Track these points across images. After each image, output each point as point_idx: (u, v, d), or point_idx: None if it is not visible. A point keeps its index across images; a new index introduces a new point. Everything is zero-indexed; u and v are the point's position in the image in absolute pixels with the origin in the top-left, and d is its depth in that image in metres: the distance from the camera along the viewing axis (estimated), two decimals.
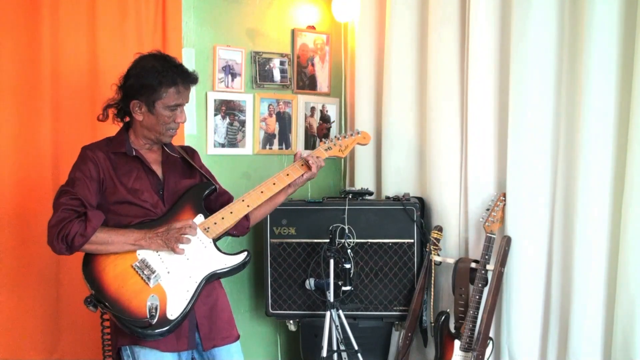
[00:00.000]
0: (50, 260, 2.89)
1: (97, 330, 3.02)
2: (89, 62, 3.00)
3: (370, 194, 3.32)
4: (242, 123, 3.54)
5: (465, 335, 2.79)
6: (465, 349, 2.80)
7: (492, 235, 2.80)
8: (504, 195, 2.80)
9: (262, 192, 2.30)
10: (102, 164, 2.15)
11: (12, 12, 2.83)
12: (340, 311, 2.95)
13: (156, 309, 1.98)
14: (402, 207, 3.12)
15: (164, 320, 2.01)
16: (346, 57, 3.84)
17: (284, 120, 3.69)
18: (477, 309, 2.77)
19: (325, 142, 2.56)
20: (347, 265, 2.96)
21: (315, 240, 3.13)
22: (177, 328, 2.05)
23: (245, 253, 2.20)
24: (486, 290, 2.79)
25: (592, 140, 2.46)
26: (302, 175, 2.42)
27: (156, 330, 1.99)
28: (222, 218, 2.22)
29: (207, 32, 3.40)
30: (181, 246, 2.09)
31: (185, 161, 2.35)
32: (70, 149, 2.96)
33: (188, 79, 2.18)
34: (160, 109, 2.15)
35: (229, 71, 3.48)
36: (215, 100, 3.44)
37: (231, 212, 2.24)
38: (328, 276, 2.93)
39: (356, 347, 2.93)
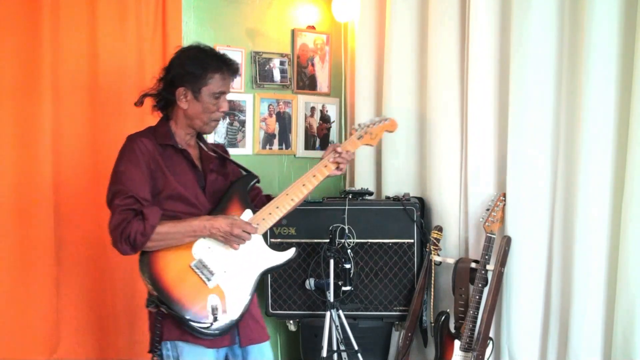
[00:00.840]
0: (51, 260, 2.89)
1: (97, 331, 3.06)
2: (89, 62, 3.00)
3: (370, 194, 3.32)
4: (242, 123, 3.54)
5: (465, 335, 2.79)
6: (465, 349, 2.80)
7: (492, 235, 2.79)
8: (504, 195, 2.80)
9: (303, 184, 2.28)
10: (151, 154, 2.11)
11: (12, 12, 2.83)
12: (340, 311, 2.95)
13: (217, 309, 2.01)
14: (402, 207, 3.12)
15: (225, 320, 2.04)
16: (346, 57, 3.84)
17: (284, 121, 3.69)
18: (477, 309, 2.77)
19: (356, 130, 2.45)
20: (347, 265, 2.96)
21: (315, 241, 3.13)
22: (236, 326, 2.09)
23: (294, 250, 2.23)
24: (486, 290, 2.79)
25: (592, 140, 2.46)
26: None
27: (218, 331, 2.03)
28: (270, 213, 2.21)
29: (207, 32, 3.40)
30: None
31: (219, 158, 2.34)
32: (70, 149, 2.97)
33: (232, 67, 2.20)
34: (206, 96, 2.14)
35: None
36: None
37: (277, 207, 2.23)
38: (328, 276, 2.93)
39: (356, 347, 2.93)
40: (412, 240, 3.11)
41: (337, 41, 3.86)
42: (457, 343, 2.83)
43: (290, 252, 2.22)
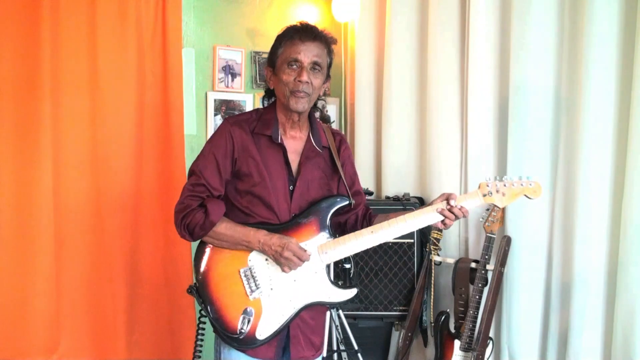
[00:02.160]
0: (51, 260, 2.89)
1: (98, 331, 3.06)
2: (89, 62, 3.00)
3: (370, 194, 3.32)
4: None
5: (465, 335, 2.79)
6: (465, 348, 2.80)
7: (492, 235, 2.80)
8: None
9: (391, 226, 2.01)
10: (240, 142, 1.98)
11: (12, 12, 2.83)
12: (340, 311, 2.95)
13: (248, 323, 1.92)
14: (402, 207, 3.12)
15: (252, 337, 1.94)
16: (346, 57, 3.84)
17: None
18: (477, 309, 2.77)
19: (487, 184, 2.00)
20: (347, 265, 2.96)
21: None
22: (263, 345, 1.97)
23: (355, 290, 2.01)
24: (486, 290, 2.79)
25: (592, 140, 2.46)
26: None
27: (242, 345, 1.95)
28: (345, 245, 1.99)
29: (207, 32, 3.40)
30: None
31: (328, 156, 2.11)
32: (70, 149, 2.97)
33: (306, 32, 1.99)
34: (280, 66, 1.98)
35: (229, 71, 3.48)
36: (215, 100, 3.44)
37: (356, 241, 2.00)
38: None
39: (356, 347, 2.93)
40: (412, 240, 3.12)
41: (337, 41, 3.85)
42: (457, 343, 2.83)
43: (350, 293, 2.00)
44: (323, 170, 2.09)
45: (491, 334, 2.80)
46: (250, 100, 3.55)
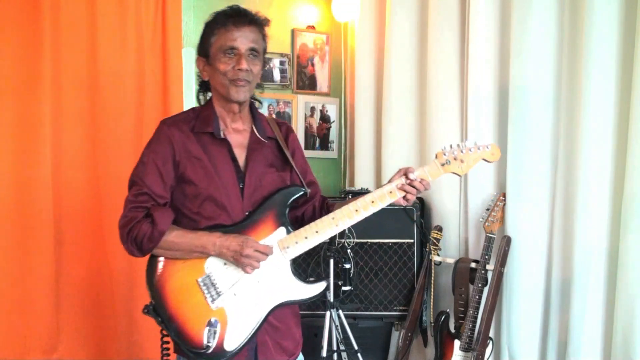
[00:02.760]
0: (51, 260, 2.89)
1: (97, 331, 3.06)
2: (89, 62, 3.01)
3: None
4: None
5: (465, 335, 2.79)
6: (465, 348, 2.80)
7: (492, 235, 2.80)
8: (504, 195, 2.80)
9: (356, 210, 1.87)
10: (181, 144, 1.86)
11: (12, 13, 2.83)
12: (340, 311, 2.95)
13: (214, 335, 1.77)
14: (402, 207, 3.11)
15: (220, 350, 1.79)
16: (346, 57, 3.84)
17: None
18: (477, 309, 2.77)
19: (444, 154, 1.94)
20: (347, 265, 2.96)
21: None
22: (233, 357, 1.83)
23: (324, 284, 1.90)
24: (486, 290, 2.79)
25: (592, 140, 2.46)
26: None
27: (210, 358, 1.80)
28: (306, 237, 1.85)
29: None
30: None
31: (275, 147, 1.99)
32: (70, 148, 2.97)
33: (239, 17, 1.87)
34: (215, 56, 1.86)
35: None
36: None
37: (317, 232, 1.86)
38: (328, 276, 2.93)
39: (356, 347, 2.93)
40: (412, 240, 3.12)
41: (337, 41, 3.86)
42: (457, 343, 2.83)
43: (320, 287, 1.88)
44: (272, 162, 1.97)
45: (491, 334, 2.80)
46: None
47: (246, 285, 1.83)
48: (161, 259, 1.84)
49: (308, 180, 2.04)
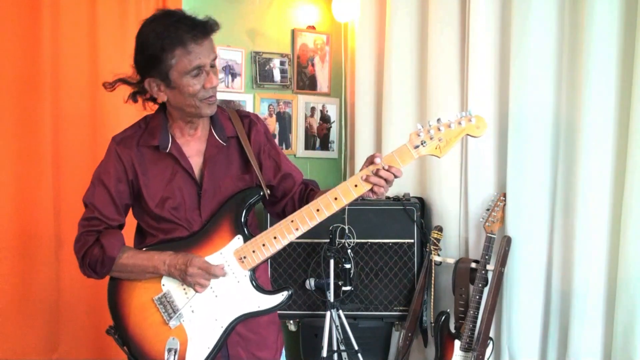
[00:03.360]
0: (51, 261, 2.89)
1: (97, 331, 3.05)
2: (89, 62, 3.01)
3: None
4: None
5: (466, 335, 2.79)
6: (466, 349, 2.80)
7: (492, 235, 2.79)
8: (504, 195, 2.80)
9: (317, 209, 1.77)
10: (130, 161, 1.79)
11: (12, 13, 2.83)
12: (341, 311, 2.95)
13: (175, 354, 1.64)
14: (402, 207, 3.12)
15: None
16: (346, 57, 3.84)
17: (284, 121, 3.69)
18: (477, 309, 2.77)
19: (418, 134, 1.70)
20: (347, 265, 2.96)
21: (316, 240, 3.13)
22: None
23: (286, 293, 1.78)
24: (486, 290, 2.79)
25: (592, 140, 2.46)
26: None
27: None
28: (263, 245, 1.75)
29: None
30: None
31: (236, 148, 1.88)
32: (70, 149, 2.97)
33: (197, 30, 1.70)
34: (179, 80, 1.69)
35: (229, 71, 3.48)
36: None
37: (275, 237, 1.75)
38: (328, 276, 2.93)
39: (356, 347, 2.93)
40: (412, 240, 3.12)
41: (337, 41, 3.86)
42: (457, 343, 2.83)
43: (281, 296, 1.77)
44: (233, 163, 1.85)
45: (491, 334, 2.80)
46: (250, 101, 3.55)
47: (204, 301, 1.76)
48: (120, 280, 1.82)
49: (283, 172, 1.93)
